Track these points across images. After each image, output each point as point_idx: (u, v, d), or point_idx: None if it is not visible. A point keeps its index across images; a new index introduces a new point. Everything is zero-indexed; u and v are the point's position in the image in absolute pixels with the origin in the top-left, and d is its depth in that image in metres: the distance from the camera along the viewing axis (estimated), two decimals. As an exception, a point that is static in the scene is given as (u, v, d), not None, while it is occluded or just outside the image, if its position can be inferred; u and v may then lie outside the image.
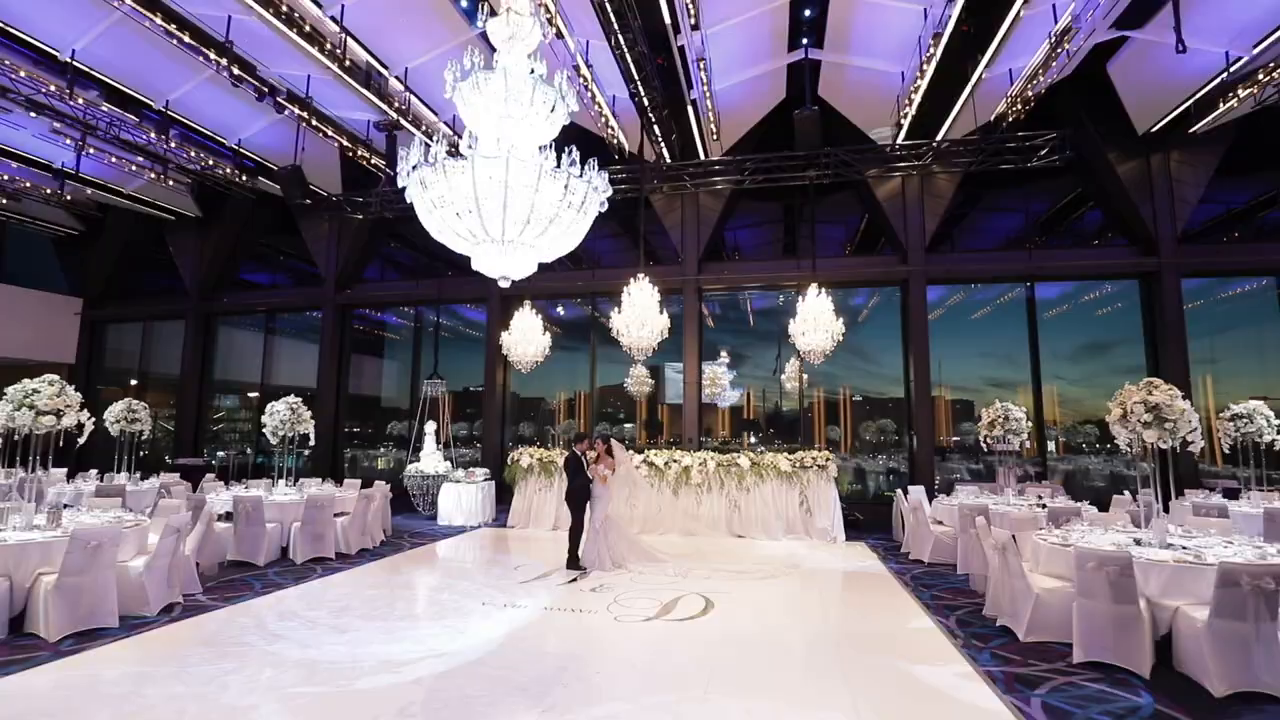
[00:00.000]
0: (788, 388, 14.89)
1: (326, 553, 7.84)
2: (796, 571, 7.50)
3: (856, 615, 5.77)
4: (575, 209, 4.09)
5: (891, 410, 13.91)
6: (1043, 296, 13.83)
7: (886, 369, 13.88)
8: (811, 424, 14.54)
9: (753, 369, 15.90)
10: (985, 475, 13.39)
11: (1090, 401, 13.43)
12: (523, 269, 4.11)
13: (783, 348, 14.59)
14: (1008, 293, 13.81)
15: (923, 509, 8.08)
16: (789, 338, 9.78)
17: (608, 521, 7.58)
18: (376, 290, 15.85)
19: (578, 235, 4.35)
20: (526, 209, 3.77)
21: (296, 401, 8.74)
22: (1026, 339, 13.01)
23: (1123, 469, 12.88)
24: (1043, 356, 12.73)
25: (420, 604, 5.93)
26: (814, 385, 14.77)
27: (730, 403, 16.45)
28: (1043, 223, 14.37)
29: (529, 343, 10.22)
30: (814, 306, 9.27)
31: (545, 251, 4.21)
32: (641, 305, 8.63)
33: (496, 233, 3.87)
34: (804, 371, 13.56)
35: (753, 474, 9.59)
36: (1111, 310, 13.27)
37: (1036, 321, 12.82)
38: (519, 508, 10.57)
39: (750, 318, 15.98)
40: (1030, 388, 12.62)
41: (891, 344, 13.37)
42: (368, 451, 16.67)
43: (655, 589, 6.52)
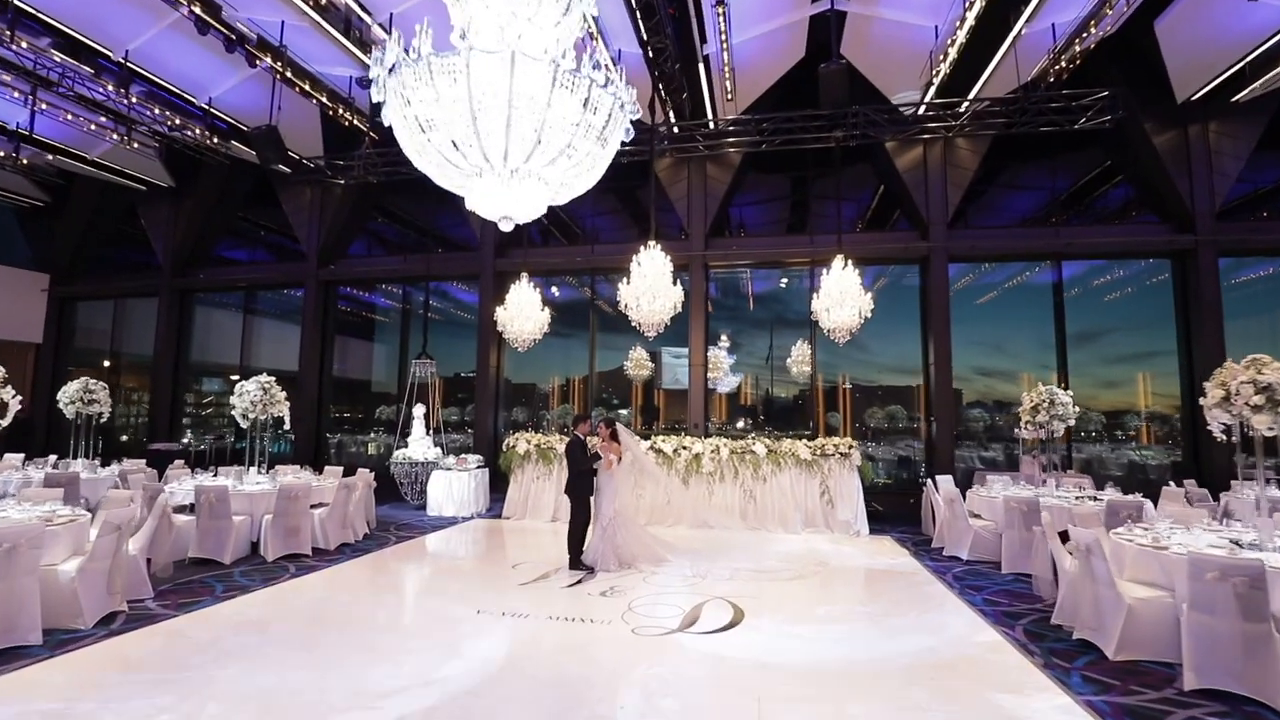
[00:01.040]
0: (793, 372, 14.16)
1: (302, 549, 7.04)
2: (825, 570, 6.77)
3: (910, 626, 5.04)
4: (596, 134, 3.26)
5: (893, 397, 13.36)
6: (1047, 281, 13.18)
7: (881, 356, 13.28)
8: (813, 410, 14.01)
9: (746, 356, 15.24)
10: (1003, 464, 12.79)
11: (1082, 390, 12.87)
12: (528, 207, 3.29)
13: (774, 334, 14.09)
14: (1016, 276, 13.15)
15: (959, 502, 7.36)
16: (811, 315, 8.99)
17: (617, 517, 6.81)
18: (361, 266, 14.91)
19: (597, 170, 3.53)
20: (535, 124, 2.93)
21: (269, 381, 7.89)
22: (1048, 323, 12.35)
23: (1135, 457, 12.25)
24: (1035, 346, 12.09)
25: (405, 612, 5.15)
26: (794, 375, 14.26)
27: (729, 388, 15.74)
28: (1065, 200, 13.59)
29: (526, 319, 9.38)
30: (840, 281, 8.47)
31: (556, 187, 3.38)
32: (653, 276, 7.81)
33: (497, 157, 3.04)
34: (815, 355, 12.79)
35: (769, 462, 8.85)
36: (1120, 296, 12.63)
37: (1064, 303, 12.11)
38: (515, 497, 9.80)
39: (750, 301, 15.20)
40: (1047, 375, 11.94)
41: (890, 330, 12.71)
42: (356, 437, 15.86)
43: (673, 593, 5.77)
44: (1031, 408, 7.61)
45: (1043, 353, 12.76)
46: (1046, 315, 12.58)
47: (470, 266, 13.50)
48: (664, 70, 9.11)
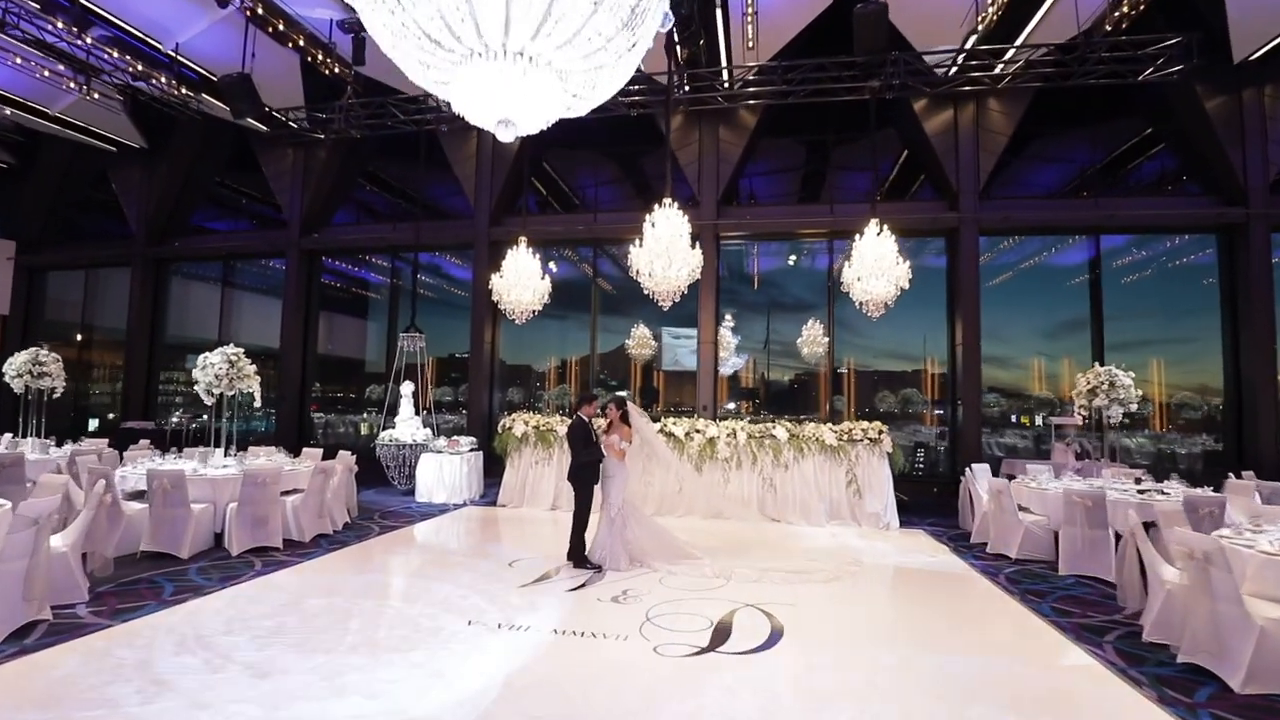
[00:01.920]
0: (804, 353, 13.37)
1: (271, 541, 6.24)
2: (862, 570, 6.02)
3: (980, 643, 4.29)
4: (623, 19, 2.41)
5: (889, 383, 12.78)
6: (1063, 264, 12.44)
7: (875, 341, 12.62)
8: (827, 394, 13.22)
9: (743, 339, 14.51)
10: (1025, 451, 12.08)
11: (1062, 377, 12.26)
12: (535, 109, 2.44)
13: (771, 317, 13.48)
14: (1033, 257, 12.35)
15: (1007, 494, 6.61)
16: (841, 285, 8.15)
17: (626, 507, 6.02)
18: (347, 235, 13.96)
19: (624, 70, 2.68)
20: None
21: (236, 352, 7.04)
22: (1056, 307, 11.72)
23: (1156, 446, 11.51)
24: (1028, 333, 11.49)
25: (384, 622, 4.35)
26: (804, 356, 13.53)
27: (732, 370, 14.99)
28: (1097, 172, 12.71)
29: (525, 287, 8.51)
30: (876, 247, 7.63)
31: (575, 89, 2.53)
32: (668, 239, 6.94)
33: (495, 31, 2.19)
34: (833, 333, 11.98)
35: (791, 448, 8.07)
36: (1138, 279, 11.84)
37: (1101, 281, 11.31)
38: (511, 483, 9.02)
39: (755, 281, 14.35)
40: (1054, 362, 11.21)
41: (887, 313, 11.85)
42: (346, 418, 15.04)
43: (695, 598, 5.00)
44: (1088, 390, 6.84)
45: (1044, 341, 12.20)
46: (1054, 299, 11.93)
47: (463, 235, 12.59)
48: (679, 15, 8.19)
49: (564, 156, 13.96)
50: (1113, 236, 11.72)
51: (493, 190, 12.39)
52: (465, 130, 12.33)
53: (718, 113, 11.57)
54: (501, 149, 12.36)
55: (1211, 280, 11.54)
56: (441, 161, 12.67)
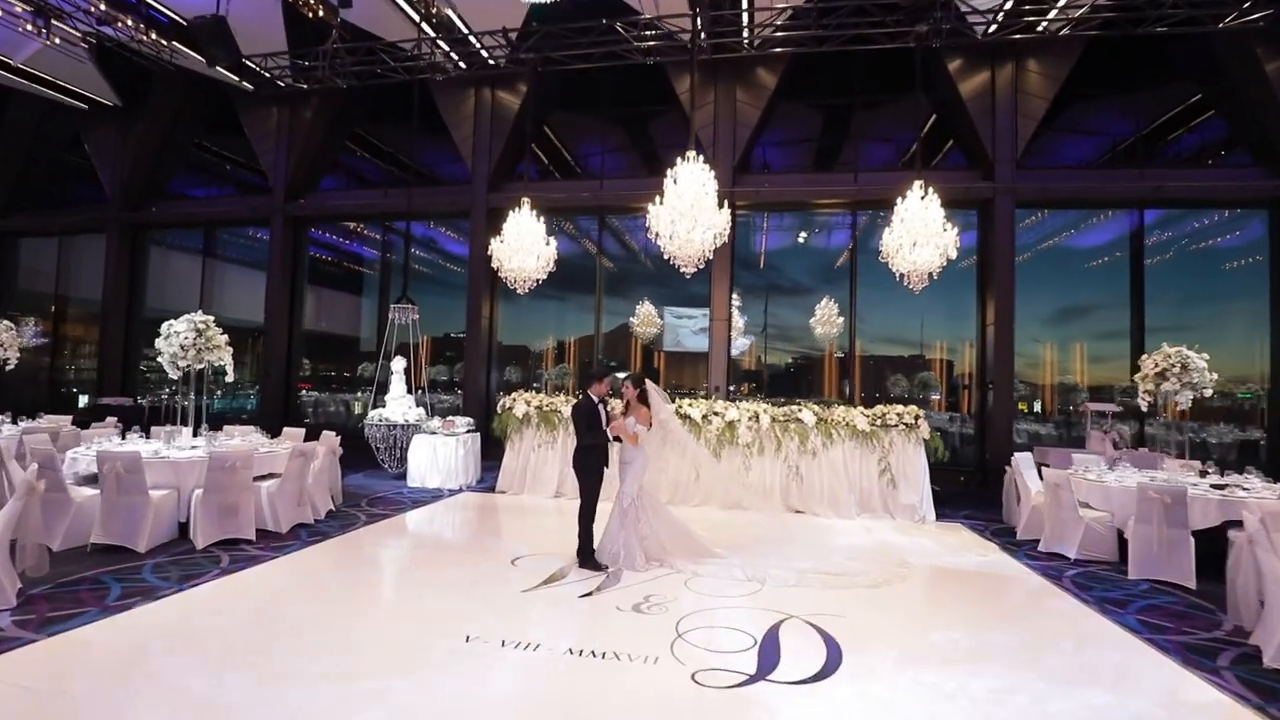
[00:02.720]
0: (817, 333, 12.68)
1: (242, 532, 5.52)
2: (910, 572, 5.34)
3: (1077, 671, 3.60)
4: None
5: (886, 369, 12.25)
6: (1080, 245, 11.77)
7: (871, 325, 12.06)
8: (818, 378, 12.85)
9: (745, 321, 13.88)
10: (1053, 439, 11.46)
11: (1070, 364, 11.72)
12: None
13: (769, 300, 12.99)
14: (1053, 237, 11.62)
15: (1067, 489, 5.93)
16: (880, 256, 7.39)
17: (642, 499, 5.31)
18: (335, 201, 13.10)
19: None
20: None
21: (205, 320, 6.28)
22: (1062, 290, 11.07)
23: (1175, 434, 10.84)
24: (1029, 319, 10.82)
25: (365, 638, 3.65)
26: (800, 340, 13.04)
27: (739, 351, 14.32)
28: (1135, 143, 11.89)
29: (528, 253, 7.71)
30: (920, 213, 6.86)
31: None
32: (692, 196, 6.15)
33: None
34: (854, 311, 11.24)
35: (819, 433, 7.38)
36: (1157, 262, 11.13)
37: (1143, 259, 10.58)
38: (512, 468, 8.32)
39: (762, 259, 13.61)
40: (1132, 341, 10.48)
41: (883, 298, 11.35)
42: (338, 396, 14.32)
43: (729, 606, 4.32)
44: (1156, 373, 6.13)
45: (1046, 327, 11.61)
46: (1064, 284, 11.28)
47: (460, 202, 11.75)
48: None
49: (568, 122, 13.10)
50: (1133, 217, 11.06)
51: (491, 154, 11.54)
52: (462, 87, 11.46)
53: (735, 72, 10.73)
54: (502, 109, 11.49)
55: (1235, 264, 10.94)
56: (436, 124, 11.80)
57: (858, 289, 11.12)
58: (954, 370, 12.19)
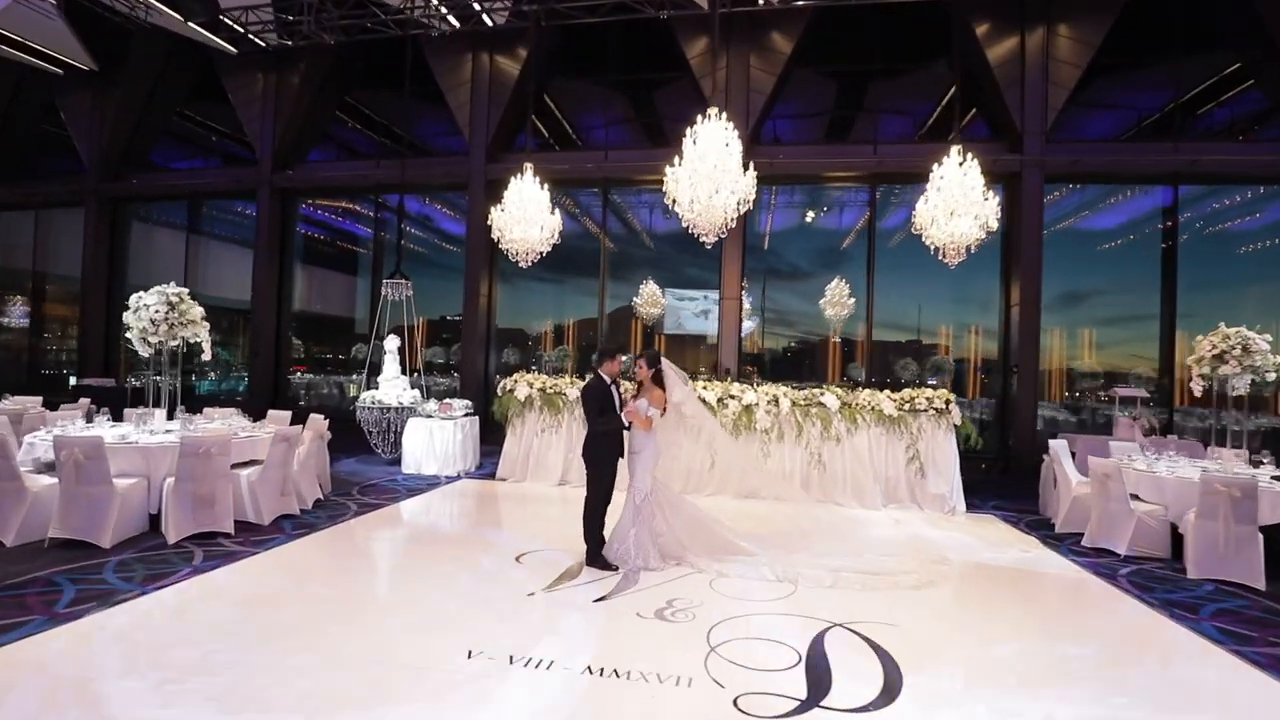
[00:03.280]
0: (827, 314, 12.20)
1: (219, 524, 5.02)
2: (952, 570, 4.89)
3: (1169, 690, 3.15)
4: None
5: (895, 352, 11.88)
6: (1090, 228, 11.32)
7: (863, 309, 11.61)
8: (817, 362, 12.49)
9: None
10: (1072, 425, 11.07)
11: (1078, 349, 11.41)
12: None
13: (766, 283, 12.71)
14: (1071, 217, 11.14)
15: (1117, 480, 5.46)
16: (912, 226, 6.85)
17: (655, 493, 4.82)
18: (325, 172, 12.46)
19: None
20: None
21: (177, 292, 5.72)
22: (1158, 262, 10.44)
23: (1197, 421, 10.43)
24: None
25: (351, 654, 3.16)
26: (797, 325, 12.78)
27: (745, 333, 13.90)
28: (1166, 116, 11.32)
29: (531, 223, 7.14)
30: (958, 180, 6.31)
31: None
32: (715, 157, 5.58)
33: None
34: (871, 289, 10.72)
35: (843, 418, 6.90)
36: (1170, 246, 10.69)
37: (1176, 237, 10.08)
38: (513, 454, 7.83)
39: (766, 240, 13.11)
40: (1162, 325, 10.04)
41: (885, 282, 10.92)
42: (332, 378, 13.81)
43: (763, 612, 3.85)
44: (1214, 356, 5.65)
45: (1049, 311, 11.05)
46: (1069, 269, 10.77)
47: (456, 174, 11.13)
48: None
49: (569, 91, 12.46)
50: (1156, 196, 10.56)
51: (490, 123, 10.91)
52: (459, 51, 10.80)
53: (750, 36, 10.12)
54: (500, 75, 10.85)
55: (1250, 248, 10.51)
56: (431, 92, 11.16)
57: (875, 268, 10.58)
58: (953, 355, 11.91)
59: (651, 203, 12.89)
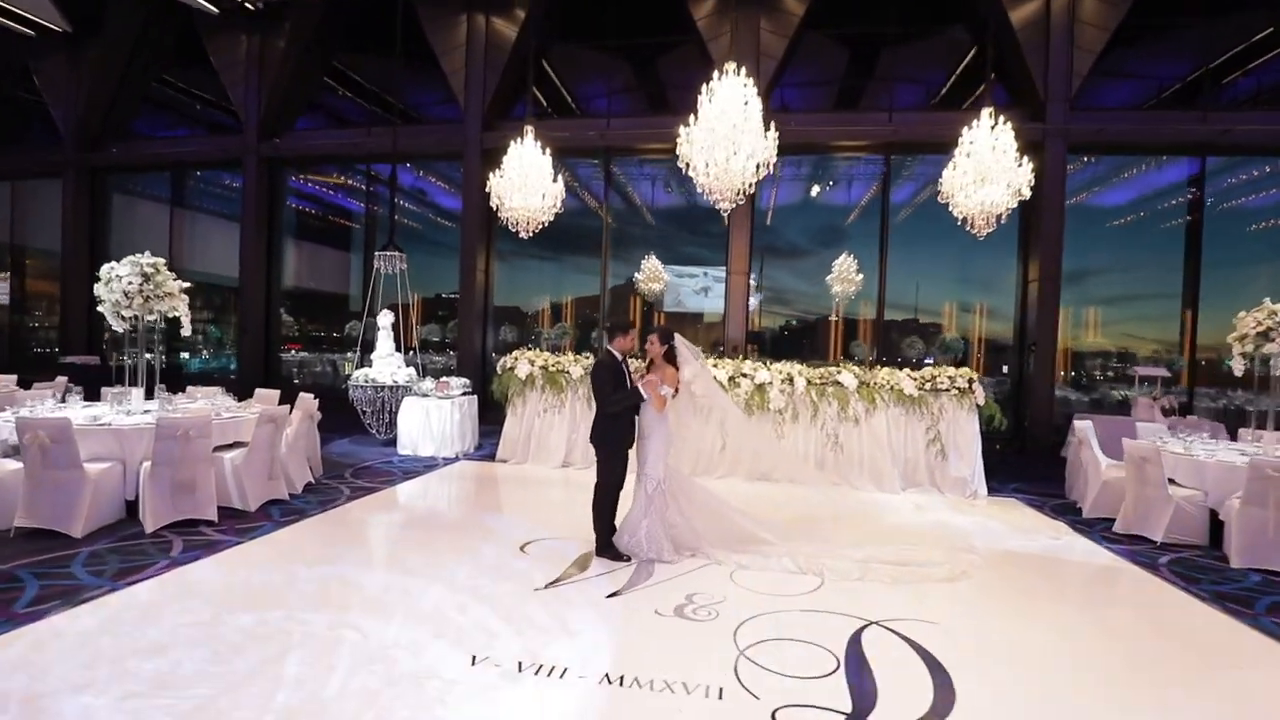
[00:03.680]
0: (834, 290, 11.88)
1: (200, 512, 4.69)
2: (983, 560, 4.59)
3: (1252, 699, 2.87)
4: None
5: (893, 331, 11.69)
6: (1100, 205, 11.00)
7: (868, 288, 11.40)
8: (817, 340, 12.30)
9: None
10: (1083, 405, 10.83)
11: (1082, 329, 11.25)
12: None
13: (764, 261, 12.41)
14: (1075, 196, 10.76)
15: (1155, 464, 5.16)
16: (939, 195, 6.46)
17: (668, 480, 4.49)
18: (313, 140, 11.94)
19: None
20: None
21: (153, 263, 5.32)
22: (1169, 239, 10.10)
23: (1209, 401, 10.17)
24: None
25: (340, 659, 2.84)
26: (795, 304, 12.64)
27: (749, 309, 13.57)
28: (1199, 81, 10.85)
29: (532, 190, 6.70)
30: (989, 145, 5.89)
31: None
32: (732, 116, 5.15)
33: None
34: (884, 264, 10.35)
35: (861, 398, 6.57)
36: (1176, 225, 10.35)
37: (1202, 213, 9.72)
38: (514, 435, 7.50)
39: (770, 215, 12.71)
40: (1184, 301, 9.72)
41: (870, 259, 10.70)
42: (325, 356, 13.45)
43: (791, 609, 3.55)
44: (1258, 333, 5.34)
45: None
46: (1076, 244, 10.34)
47: (450, 142, 10.64)
48: None
49: (569, 56, 11.92)
50: (1159, 176, 10.22)
51: (486, 89, 10.40)
52: (453, 12, 10.25)
53: (761, -4, 9.60)
54: (497, 38, 10.31)
55: (1261, 225, 10.21)
56: (424, 57, 10.61)
57: (888, 243, 10.19)
58: (945, 335, 11.70)
59: (654, 175, 12.48)
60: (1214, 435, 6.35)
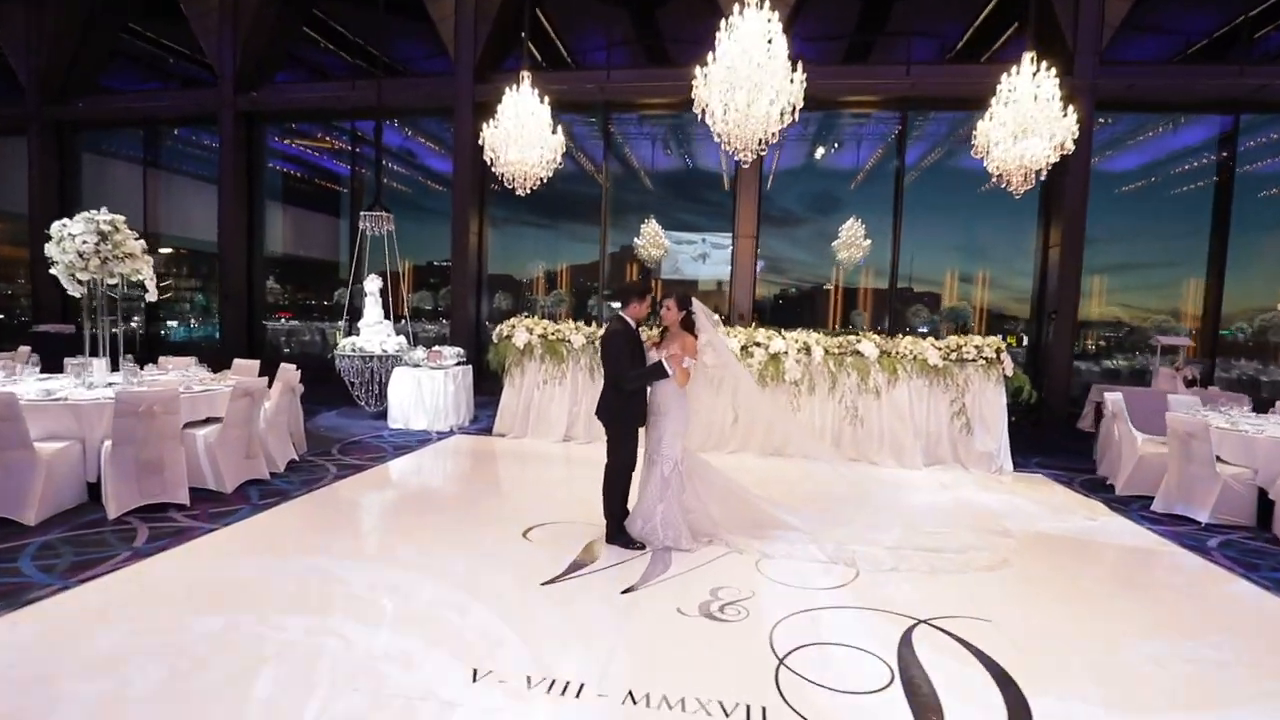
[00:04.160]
0: (840, 256, 11.48)
1: (170, 494, 4.27)
2: (1021, 543, 4.25)
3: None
4: None
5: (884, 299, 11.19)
6: (1111, 170, 10.52)
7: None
8: (812, 310, 11.91)
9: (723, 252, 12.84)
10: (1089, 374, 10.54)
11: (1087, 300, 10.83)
12: None
13: (761, 229, 12.08)
14: (1095, 156, 10.26)
15: (1203, 440, 4.81)
16: (973, 150, 5.96)
17: (689, 462, 4.09)
18: (293, 94, 11.22)
19: None
20: None
21: (110, 220, 4.79)
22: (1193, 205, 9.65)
23: (1221, 372, 9.88)
24: (1015, 254, 9.85)
25: (318, 674, 2.46)
26: (788, 272, 12.17)
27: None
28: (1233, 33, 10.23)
29: (529, 143, 6.14)
30: (1030, 90, 5.38)
31: None
32: (755, 55, 4.61)
33: None
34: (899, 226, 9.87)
35: (882, 368, 6.18)
36: (1197, 189, 9.87)
37: (1233, 173, 9.24)
38: (512, 407, 7.08)
39: (771, 179, 12.15)
40: (1210, 269, 9.31)
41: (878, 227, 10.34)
42: (314, 325, 12.93)
43: (829, 605, 3.19)
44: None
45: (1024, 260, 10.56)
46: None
47: (440, 96, 9.99)
48: None
49: (565, 6, 11.18)
50: (1173, 139, 9.82)
51: (477, 38, 9.71)
52: (441, -46, 9.50)
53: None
54: (488, -16, 9.58)
55: (1269, 192, 9.78)
56: (411, 4, 9.87)
57: (903, 205, 9.69)
58: (940, 304, 11.45)
59: (653, 135, 11.89)
60: (1240, 407, 6.03)
